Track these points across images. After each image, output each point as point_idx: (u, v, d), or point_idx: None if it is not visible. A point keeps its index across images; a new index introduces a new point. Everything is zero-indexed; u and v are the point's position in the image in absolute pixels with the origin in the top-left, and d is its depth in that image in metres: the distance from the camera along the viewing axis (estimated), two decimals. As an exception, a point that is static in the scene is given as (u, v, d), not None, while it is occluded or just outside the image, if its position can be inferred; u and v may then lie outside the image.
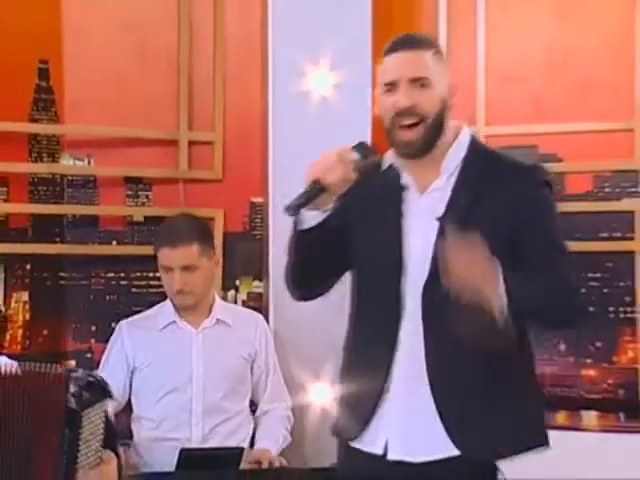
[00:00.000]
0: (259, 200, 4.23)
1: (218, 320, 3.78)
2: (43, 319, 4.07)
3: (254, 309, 4.09)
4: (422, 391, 2.56)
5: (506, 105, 4.24)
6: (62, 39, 4.08)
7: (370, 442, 2.63)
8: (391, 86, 2.60)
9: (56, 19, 4.07)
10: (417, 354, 2.57)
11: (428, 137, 2.60)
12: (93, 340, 4.09)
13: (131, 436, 3.76)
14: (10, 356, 3.11)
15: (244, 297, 4.25)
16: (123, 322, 3.82)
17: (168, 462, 3.49)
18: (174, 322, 3.76)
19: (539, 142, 4.21)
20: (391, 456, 2.59)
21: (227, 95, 4.23)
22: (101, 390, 2.57)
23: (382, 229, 2.63)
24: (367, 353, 2.65)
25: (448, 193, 2.60)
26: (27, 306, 4.05)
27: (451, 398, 2.55)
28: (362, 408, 2.64)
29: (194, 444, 3.62)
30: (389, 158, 2.70)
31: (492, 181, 2.59)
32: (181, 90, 4.20)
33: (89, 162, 4.17)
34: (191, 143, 4.23)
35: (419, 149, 2.61)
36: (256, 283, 4.26)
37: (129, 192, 4.21)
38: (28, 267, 4.06)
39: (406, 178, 2.66)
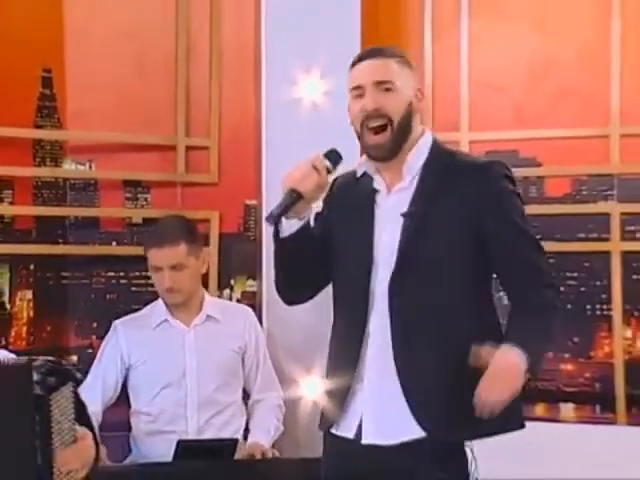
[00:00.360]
0: (253, 202, 4.24)
1: (208, 316, 3.78)
2: (46, 316, 4.07)
3: (248, 307, 4.07)
4: (391, 378, 2.60)
5: (488, 112, 4.25)
6: (64, 49, 4.08)
7: (345, 427, 2.67)
8: (358, 90, 2.66)
9: (59, 30, 4.07)
10: (386, 344, 2.61)
11: (396, 139, 2.64)
12: (94, 336, 4.08)
13: (130, 429, 3.78)
14: (15, 351, 3.19)
15: (239, 296, 4.25)
16: (117, 322, 3.82)
17: (165, 454, 3.50)
18: (166, 320, 3.77)
19: (519, 147, 4.22)
20: (364, 440, 2.62)
21: (222, 102, 4.24)
22: (65, 374, 2.61)
23: (356, 231, 2.68)
24: (343, 345, 2.70)
25: (412, 193, 2.65)
26: (31, 304, 4.05)
27: (417, 382, 2.58)
28: (339, 396, 2.68)
29: (190, 436, 3.63)
30: (363, 165, 2.74)
31: (453, 179, 2.63)
32: (178, 98, 4.21)
33: (90, 166, 4.17)
34: (188, 148, 4.24)
35: (388, 151, 2.65)
36: (250, 282, 4.26)
37: (128, 195, 4.21)
38: (32, 267, 4.07)
39: (377, 182, 2.70)
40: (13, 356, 2.79)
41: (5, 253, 4.03)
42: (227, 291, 4.26)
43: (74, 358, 4.07)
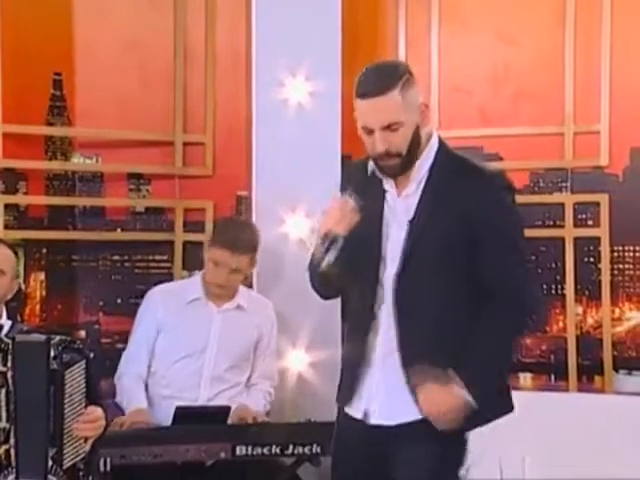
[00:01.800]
0: (244, 193, 4.22)
1: (238, 305, 3.76)
2: (57, 296, 4.08)
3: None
4: (395, 363, 2.57)
5: (456, 112, 4.26)
6: (74, 55, 4.08)
7: (355, 408, 2.65)
8: (368, 131, 2.54)
9: (68, 39, 4.07)
10: (391, 332, 2.58)
11: (405, 164, 2.57)
12: (101, 313, 4.10)
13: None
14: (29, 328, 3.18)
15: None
16: (155, 290, 3.78)
17: (169, 418, 3.48)
18: (199, 299, 3.73)
19: (484, 144, 4.22)
20: (372, 421, 2.61)
21: (217, 102, 4.23)
22: (79, 352, 2.65)
23: (367, 226, 2.59)
24: (355, 332, 2.67)
25: (417, 198, 2.58)
26: (44, 285, 4.05)
27: (419, 367, 2.53)
28: (351, 378, 2.66)
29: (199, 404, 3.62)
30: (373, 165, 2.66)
31: (455, 184, 2.55)
32: (177, 98, 4.19)
33: (97, 160, 4.17)
34: (185, 144, 4.22)
35: (399, 172, 2.58)
36: (242, 265, 4.29)
37: (131, 186, 4.20)
38: (44, 251, 4.07)
39: (387, 183, 2.63)
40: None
41: (20, 238, 4.01)
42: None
43: (82, 333, 4.07)
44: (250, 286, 4.06)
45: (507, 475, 3.99)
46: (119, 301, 4.07)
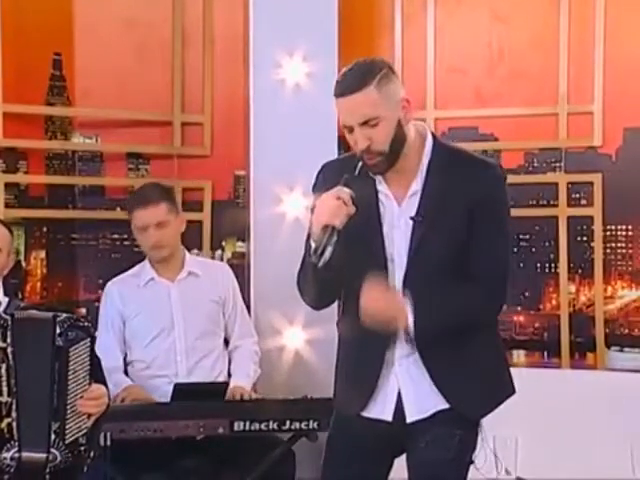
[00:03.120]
0: (242, 173, 4.22)
1: (190, 272, 3.73)
2: (58, 273, 4.08)
3: (238, 266, 4.07)
4: (416, 361, 2.54)
5: (451, 93, 4.25)
6: (73, 35, 4.07)
7: (378, 411, 2.58)
8: (348, 129, 2.49)
9: (68, 19, 4.06)
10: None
11: (389, 160, 2.50)
12: (100, 291, 4.00)
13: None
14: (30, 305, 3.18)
15: (229, 255, 4.25)
16: (109, 283, 3.75)
17: (160, 396, 3.49)
18: (153, 279, 3.71)
19: (479, 124, 4.23)
20: (408, 419, 2.55)
21: (215, 83, 4.22)
22: (85, 330, 2.64)
23: (364, 227, 2.52)
24: (366, 338, 2.55)
25: (418, 197, 2.52)
26: (44, 262, 4.06)
27: (440, 365, 2.53)
28: (366, 384, 2.58)
29: (180, 378, 3.61)
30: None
31: (456, 178, 2.51)
32: (175, 79, 4.19)
33: (96, 140, 4.16)
34: (184, 124, 4.22)
35: (384, 169, 2.51)
36: (240, 244, 4.25)
37: (130, 166, 4.20)
38: (45, 229, 4.07)
39: (380, 183, 2.55)
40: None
41: (21, 217, 4.03)
42: (219, 252, 4.26)
43: (83, 310, 4.08)
44: (248, 264, 4.07)
45: (499, 452, 4.01)
46: (118, 279, 4.06)
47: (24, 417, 2.59)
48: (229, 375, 3.76)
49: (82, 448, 2.63)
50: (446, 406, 2.53)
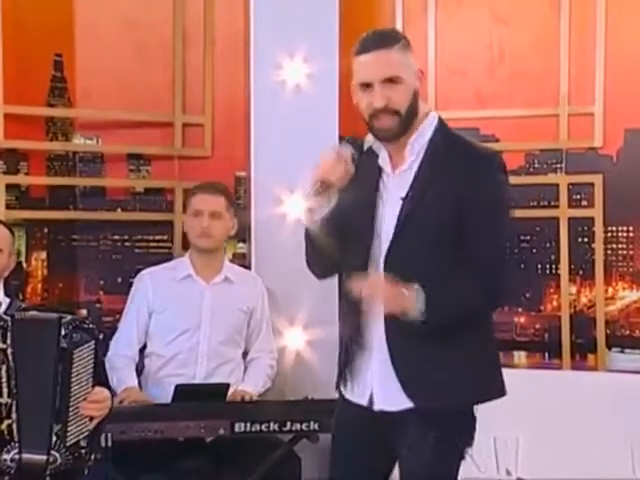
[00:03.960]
0: (243, 174, 4.21)
1: (226, 278, 3.76)
2: (59, 275, 4.08)
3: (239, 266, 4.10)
4: (385, 351, 2.53)
5: (452, 94, 4.24)
6: (74, 37, 4.07)
7: (358, 394, 2.61)
8: (366, 85, 2.49)
9: (69, 20, 4.05)
10: (380, 319, 2.53)
11: (402, 125, 2.50)
12: (101, 292, 4.10)
13: (141, 371, 3.74)
14: (31, 306, 3.17)
15: (230, 256, 4.21)
16: (145, 272, 3.78)
17: (168, 396, 3.48)
18: (190, 276, 3.74)
19: (480, 125, 4.22)
20: (375, 407, 2.56)
21: (215, 84, 4.22)
22: (90, 332, 2.63)
23: (361, 203, 2.55)
24: (348, 313, 2.61)
25: (412, 175, 2.52)
26: (45, 264, 4.05)
27: (405, 356, 2.51)
28: (348, 363, 2.62)
29: (198, 380, 3.63)
30: (369, 141, 2.60)
31: (450, 163, 2.50)
32: (176, 80, 4.18)
33: (97, 141, 4.16)
34: (184, 125, 4.22)
35: (395, 134, 2.51)
36: (240, 245, 4.24)
37: (131, 167, 4.20)
38: (46, 231, 4.06)
39: (382, 159, 2.57)
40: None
41: (22, 218, 4.02)
42: (220, 253, 4.26)
43: (84, 312, 4.07)
44: (248, 265, 4.06)
45: (500, 453, 4.01)
46: (119, 280, 4.06)
47: (25, 418, 2.58)
48: (242, 384, 3.75)
49: (83, 451, 2.62)
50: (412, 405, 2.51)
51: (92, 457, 2.66)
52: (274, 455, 3.44)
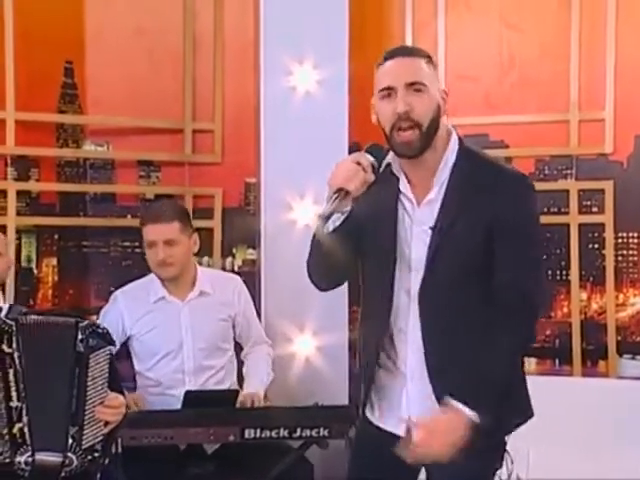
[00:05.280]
0: (252, 180, 4.22)
1: (201, 292, 3.67)
2: (69, 281, 4.10)
3: (248, 273, 4.08)
4: (424, 377, 2.45)
5: (462, 100, 4.20)
6: (84, 44, 4.10)
7: (393, 424, 2.50)
8: (389, 91, 2.40)
9: (79, 28, 4.09)
10: (418, 345, 2.45)
11: (424, 139, 2.40)
12: (111, 298, 4.13)
13: (135, 387, 3.71)
14: (41, 312, 3.18)
15: (240, 263, 4.25)
16: (118, 292, 3.69)
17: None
18: (163, 297, 3.64)
19: (489, 131, 4.21)
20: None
21: (225, 90, 4.24)
22: (105, 338, 2.64)
23: (383, 231, 2.46)
24: (375, 340, 2.51)
25: (439, 203, 2.42)
26: (56, 270, 4.07)
27: (445, 384, 2.42)
28: (385, 394, 2.52)
29: None
30: (388, 161, 2.48)
31: (477, 189, 2.40)
32: (186, 86, 4.20)
33: (107, 147, 4.18)
34: (194, 131, 4.23)
35: (416, 149, 2.40)
36: (250, 251, 4.26)
37: (141, 173, 4.22)
38: (56, 237, 4.08)
39: (404, 185, 2.47)
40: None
41: (32, 224, 4.05)
42: (230, 259, 4.26)
43: (93, 318, 4.03)
44: (258, 272, 4.07)
45: (510, 461, 4.00)
46: (129, 287, 4.06)
47: (39, 421, 2.59)
48: (239, 382, 3.74)
49: (97, 454, 2.63)
50: None
51: (105, 461, 2.67)
52: (284, 461, 3.44)
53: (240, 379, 3.76)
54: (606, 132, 4.13)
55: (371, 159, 2.40)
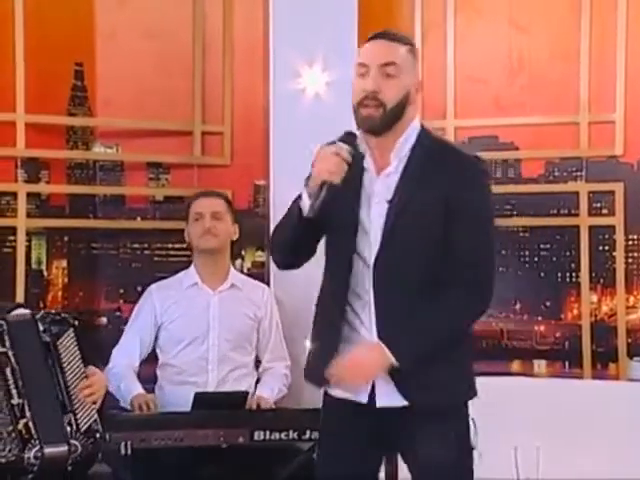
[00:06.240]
0: (262, 183, 4.23)
1: (232, 285, 3.78)
2: (79, 283, 4.10)
3: (257, 275, 4.08)
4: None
5: (471, 102, 4.24)
6: (94, 46, 4.10)
7: (355, 392, 2.57)
8: (362, 68, 2.52)
9: (89, 30, 4.09)
10: (370, 318, 2.55)
11: (385, 119, 2.51)
12: (121, 301, 4.12)
13: (155, 381, 3.77)
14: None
15: (249, 265, 4.25)
16: (153, 286, 3.79)
17: (186, 402, 3.48)
18: (196, 284, 3.75)
19: (499, 133, 4.21)
20: (378, 403, 2.55)
21: (234, 93, 4.24)
22: (65, 322, 2.72)
23: (344, 206, 2.55)
24: (331, 313, 2.62)
25: (397, 178, 2.54)
26: (65, 272, 4.08)
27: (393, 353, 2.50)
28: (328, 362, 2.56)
29: (210, 387, 3.64)
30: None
31: (435, 168, 2.52)
32: (195, 89, 4.20)
33: (117, 150, 4.18)
34: (204, 134, 4.24)
35: (377, 126, 2.52)
36: (259, 253, 4.27)
37: (151, 175, 4.22)
38: (66, 239, 4.09)
39: (367, 162, 2.58)
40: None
41: (42, 226, 4.05)
42: (239, 261, 4.26)
43: (104, 320, 4.10)
44: (267, 273, 4.07)
45: (521, 463, 3.99)
46: (139, 288, 4.04)
47: (38, 416, 2.63)
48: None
49: (97, 434, 2.69)
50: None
51: (106, 437, 2.72)
52: (293, 463, 3.44)
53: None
54: (616, 134, 4.12)
55: (348, 147, 2.49)
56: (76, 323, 2.78)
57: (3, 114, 3.98)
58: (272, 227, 4.01)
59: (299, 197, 2.57)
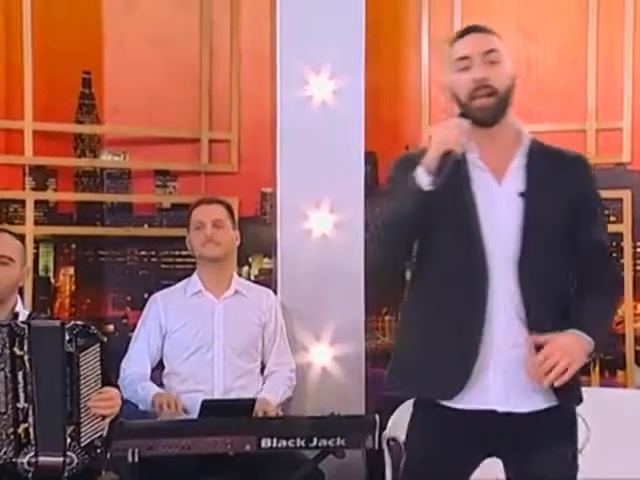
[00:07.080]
0: (269, 190, 4.23)
1: (236, 291, 3.77)
2: (86, 290, 4.11)
3: (264, 282, 4.08)
4: (519, 349, 2.41)
5: (478, 109, 4.27)
6: (102, 54, 4.12)
7: (476, 400, 2.43)
8: (464, 61, 2.44)
9: (97, 38, 4.11)
10: (513, 317, 2.43)
11: (500, 106, 2.43)
12: (128, 308, 4.13)
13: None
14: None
15: (256, 272, 4.27)
16: (157, 294, 3.78)
17: (192, 411, 3.50)
18: (200, 291, 3.74)
19: (506, 140, 4.24)
20: (506, 409, 2.43)
21: (242, 100, 4.26)
22: (93, 336, 2.73)
23: (456, 200, 2.42)
24: (455, 319, 2.42)
25: (522, 174, 2.45)
26: (73, 279, 4.09)
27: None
28: (461, 369, 2.42)
29: (217, 395, 3.63)
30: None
31: (556, 166, 2.48)
32: (202, 96, 4.22)
33: (124, 157, 4.20)
34: (211, 141, 4.25)
35: (491, 116, 2.43)
36: (266, 260, 4.27)
37: (158, 183, 4.23)
38: (73, 246, 4.10)
39: (472, 156, 2.46)
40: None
41: (50, 234, 4.07)
42: (246, 268, 4.28)
43: (111, 327, 4.11)
44: (275, 280, 4.08)
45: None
46: (146, 296, 4.04)
47: (40, 422, 2.65)
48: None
49: (99, 450, 2.68)
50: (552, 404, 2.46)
51: (108, 455, 2.72)
52: (300, 471, 3.44)
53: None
54: (624, 141, 4.13)
55: (467, 123, 2.41)
56: (104, 339, 2.78)
57: (11, 122, 4.01)
58: (279, 234, 4.09)
59: (411, 178, 2.38)
